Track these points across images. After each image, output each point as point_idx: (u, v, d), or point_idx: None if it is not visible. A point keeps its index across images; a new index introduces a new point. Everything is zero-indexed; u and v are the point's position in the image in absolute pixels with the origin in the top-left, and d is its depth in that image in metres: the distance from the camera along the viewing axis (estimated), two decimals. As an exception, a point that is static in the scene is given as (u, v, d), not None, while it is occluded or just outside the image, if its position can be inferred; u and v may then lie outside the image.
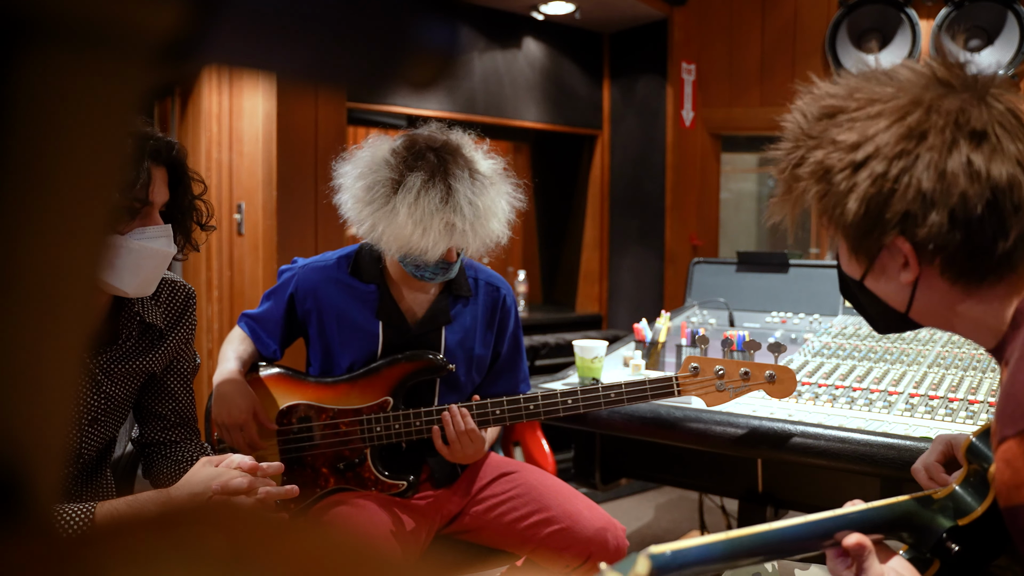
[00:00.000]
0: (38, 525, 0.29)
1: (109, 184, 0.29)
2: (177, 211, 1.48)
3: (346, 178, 1.77)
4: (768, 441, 1.79)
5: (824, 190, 0.99)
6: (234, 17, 0.27)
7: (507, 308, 1.95)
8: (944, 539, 1.01)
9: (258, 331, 1.89)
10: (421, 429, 1.79)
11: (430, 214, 1.66)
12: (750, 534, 0.96)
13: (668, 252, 4.35)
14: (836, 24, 3.85)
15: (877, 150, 0.94)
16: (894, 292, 1.02)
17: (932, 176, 0.91)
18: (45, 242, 0.28)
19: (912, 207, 0.93)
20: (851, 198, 0.96)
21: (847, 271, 1.07)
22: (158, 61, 0.27)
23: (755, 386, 1.76)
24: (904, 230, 0.94)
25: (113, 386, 1.50)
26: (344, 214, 1.80)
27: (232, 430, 1.77)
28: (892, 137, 0.93)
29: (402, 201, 1.67)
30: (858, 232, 0.98)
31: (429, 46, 0.31)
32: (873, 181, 0.94)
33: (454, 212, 1.67)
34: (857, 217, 0.96)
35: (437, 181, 1.68)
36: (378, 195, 1.70)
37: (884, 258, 1.00)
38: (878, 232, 0.96)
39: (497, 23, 4.09)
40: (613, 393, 1.76)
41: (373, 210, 1.71)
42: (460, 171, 1.70)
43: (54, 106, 0.26)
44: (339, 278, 1.87)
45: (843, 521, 1.01)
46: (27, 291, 0.28)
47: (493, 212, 1.74)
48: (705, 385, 1.76)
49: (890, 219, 0.94)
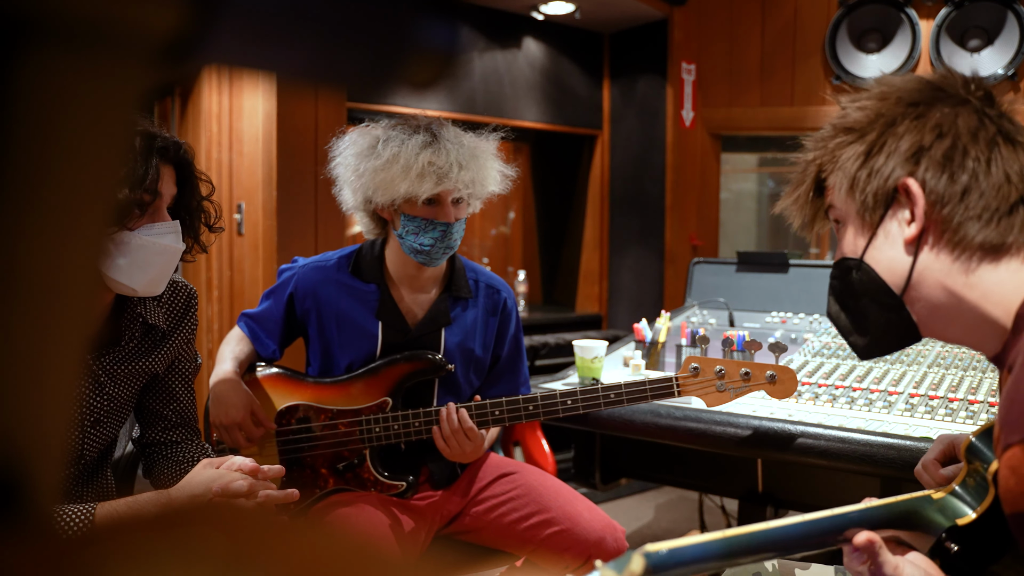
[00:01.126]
0: (38, 526, 0.29)
1: (109, 184, 0.29)
2: (185, 212, 1.48)
3: (339, 153, 1.83)
4: (768, 441, 1.79)
5: (833, 155, 1.02)
6: (234, 17, 0.27)
7: (508, 311, 1.95)
8: (943, 539, 1.01)
9: (257, 331, 1.89)
10: (420, 430, 1.78)
11: (414, 153, 1.70)
12: (747, 533, 0.96)
13: (668, 252, 4.35)
14: (836, 24, 3.85)
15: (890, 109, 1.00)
16: (894, 260, 1.01)
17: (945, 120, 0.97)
18: (46, 242, 0.28)
19: (925, 138, 0.96)
20: (858, 147, 1.00)
21: (849, 251, 1.06)
22: (158, 61, 0.27)
23: (756, 386, 1.75)
24: (914, 167, 0.97)
25: (116, 387, 1.50)
26: (340, 194, 1.85)
27: (230, 429, 1.77)
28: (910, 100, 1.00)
29: (386, 149, 1.73)
30: (865, 177, 0.99)
31: (429, 46, 0.31)
32: (884, 126, 0.99)
33: (438, 153, 1.71)
34: (863, 163, 0.99)
35: (422, 131, 1.74)
36: (366, 156, 1.75)
37: (889, 217, 1.00)
38: (887, 172, 0.98)
39: (497, 23, 4.09)
40: (613, 394, 1.76)
41: (363, 170, 1.75)
42: (447, 128, 1.77)
43: (54, 106, 0.26)
44: (339, 278, 1.87)
45: (841, 521, 1.01)
46: (28, 292, 0.28)
47: (481, 158, 1.78)
48: (705, 385, 1.76)
49: (900, 155, 0.97)
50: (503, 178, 1.85)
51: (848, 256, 1.06)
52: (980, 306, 0.97)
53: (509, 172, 1.86)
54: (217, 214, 1.57)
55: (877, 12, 3.78)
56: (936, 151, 0.96)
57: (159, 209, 1.41)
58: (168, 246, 1.41)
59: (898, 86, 1.02)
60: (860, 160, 1.00)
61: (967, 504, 1.03)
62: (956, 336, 1.02)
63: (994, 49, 3.57)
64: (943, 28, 3.62)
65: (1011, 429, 0.88)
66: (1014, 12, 3.49)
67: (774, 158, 5.67)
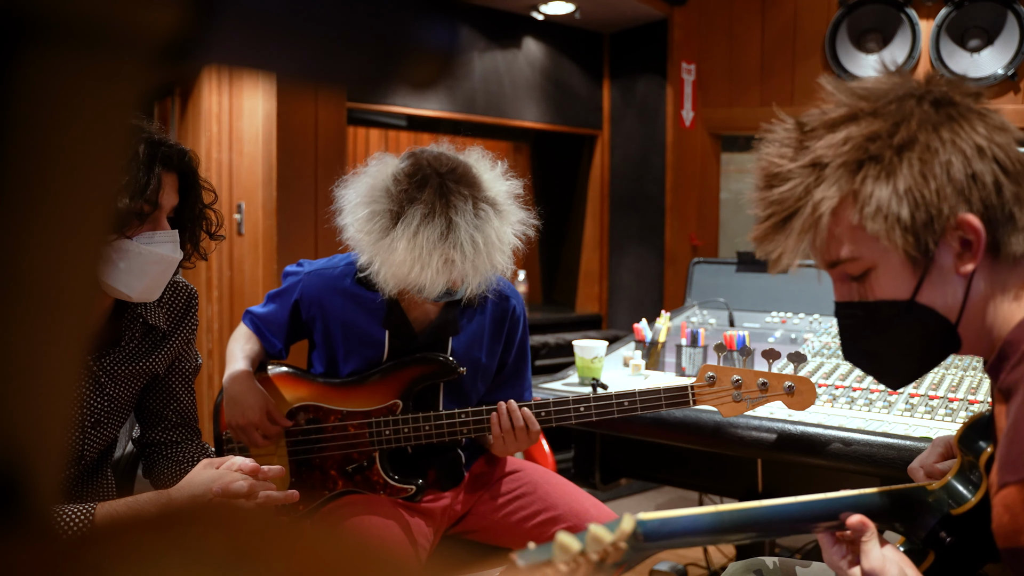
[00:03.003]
0: (38, 526, 0.29)
1: (109, 185, 0.29)
2: (187, 219, 1.48)
3: (347, 204, 1.71)
4: (768, 441, 1.79)
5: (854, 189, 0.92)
6: (234, 17, 0.27)
7: (516, 318, 1.93)
8: (936, 529, 1.01)
9: (263, 329, 1.88)
10: (431, 433, 1.77)
11: (429, 251, 1.59)
12: (739, 509, 0.96)
13: (668, 252, 4.35)
14: (836, 24, 3.85)
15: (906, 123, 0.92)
16: (950, 294, 0.95)
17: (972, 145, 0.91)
18: (45, 243, 0.28)
19: (981, 169, 0.90)
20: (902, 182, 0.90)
21: (893, 295, 0.96)
22: (158, 61, 0.27)
23: (773, 397, 1.71)
24: (979, 203, 0.91)
25: (116, 388, 1.50)
26: (345, 240, 1.74)
27: (247, 430, 1.75)
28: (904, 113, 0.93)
29: (401, 236, 1.60)
30: (924, 218, 0.91)
31: (429, 46, 0.31)
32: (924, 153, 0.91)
33: (454, 248, 1.60)
34: (908, 193, 0.90)
35: (438, 214, 1.60)
36: (377, 226, 1.64)
37: (941, 255, 0.94)
38: (946, 209, 0.90)
39: (497, 23, 4.09)
40: (627, 401, 1.74)
41: (372, 241, 1.65)
42: (463, 203, 1.62)
43: (54, 106, 0.26)
44: (345, 287, 1.83)
45: (834, 504, 1.01)
46: (27, 293, 0.28)
47: (496, 246, 1.66)
48: (721, 395, 1.73)
49: (963, 192, 0.90)
50: (521, 232, 1.74)
51: (891, 299, 0.96)
52: (996, 312, 0.97)
53: (527, 220, 1.75)
54: (219, 222, 1.56)
55: (877, 12, 3.78)
56: (987, 177, 0.91)
57: (159, 218, 1.41)
58: (165, 255, 1.41)
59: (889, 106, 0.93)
60: (904, 198, 0.90)
61: (961, 496, 1.04)
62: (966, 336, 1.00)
63: (994, 49, 3.57)
64: (943, 28, 3.62)
65: (1008, 469, 0.88)
66: (1014, 12, 3.49)
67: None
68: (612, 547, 0.83)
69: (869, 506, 1.03)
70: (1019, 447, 0.88)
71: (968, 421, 1.07)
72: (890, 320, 0.98)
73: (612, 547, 0.83)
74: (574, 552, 0.82)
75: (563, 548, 0.81)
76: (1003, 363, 0.95)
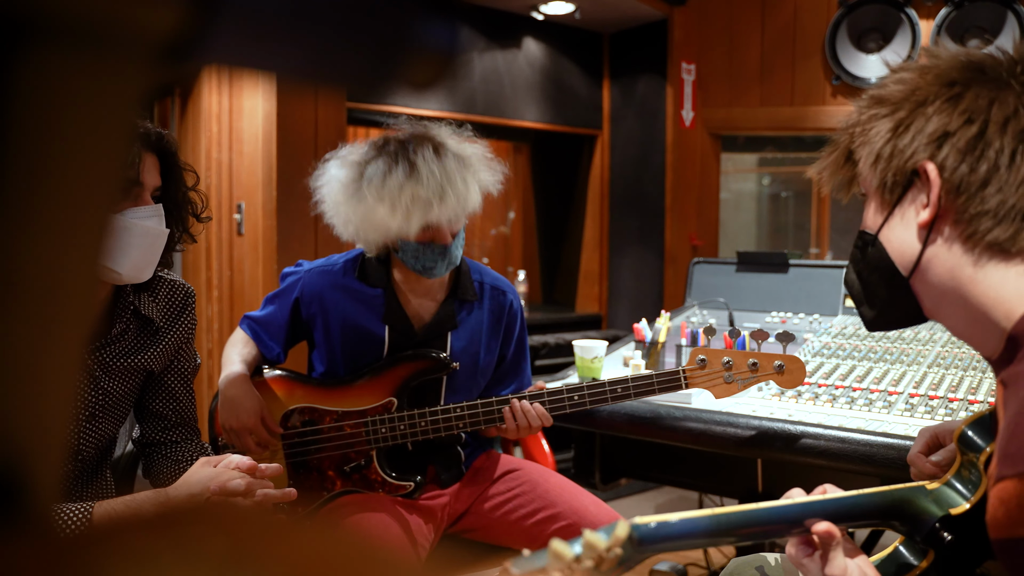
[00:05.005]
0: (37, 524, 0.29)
1: (109, 184, 0.29)
2: (171, 203, 1.48)
3: (326, 194, 1.82)
4: (768, 441, 1.79)
5: (867, 127, 1.00)
6: (234, 17, 0.27)
7: (513, 313, 1.94)
8: (936, 528, 1.02)
9: (260, 334, 1.88)
10: (427, 430, 1.78)
11: (397, 191, 1.68)
12: (737, 511, 0.96)
13: (668, 252, 4.35)
14: (836, 24, 3.85)
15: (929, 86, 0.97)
16: (905, 243, 1.00)
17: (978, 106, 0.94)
18: (45, 242, 0.28)
19: (952, 123, 0.94)
20: (888, 122, 0.98)
21: (868, 225, 1.06)
22: (158, 61, 0.27)
23: (764, 376, 1.73)
24: (936, 151, 0.95)
25: (111, 382, 1.49)
26: (332, 227, 1.84)
27: (240, 434, 1.76)
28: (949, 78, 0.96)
29: (368, 187, 1.70)
30: (888, 154, 0.98)
31: (429, 46, 0.31)
32: (917, 104, 0.96)
33: (419, 184, 1.68)
34: (889, 139, 0.97)
35: (399, 161, 1.70)
36: (349, 191, 1.74)
37: (907, 198, 0.99)
38: (909, 153, 0.96)
39: (497, 23, 4.09)
40: (620, 387, 1.75)
41: (347, 207, 1.74)
42: (423, 149, 1.72)
43: (54, 106, 0.26)
44: (345, 283, 1.86)
45: (834, 505, 1.01)
46: (27, 292, 0.28)
47: (463, 184, 1.73)
48: (713, 377, 1.74)
49: (924, 137, 0.95)
50: (492, 183, 1.82)
51: (866, 230, 1.06)
52: (983, 303, 0.96)
53: (497, 175, 1.82)
54: (204, 204, 1.57)
55: (877, 12, 3.78)
56: (960, 138, 0.94)
57: (141, 195, 1.41)
58: (151, 228, 1.40)
59: (941, 61, 0.99)
60: (886, 137, 0.98)
61: (961, 495, 1.04)
62: (957, 328, 1.01)
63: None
64: (943, 28, 3.62)
65: (1007, 463, 0.88)
66: (1014, 12, 3.49)
67: (774, 158, 5.67)
68: (607, 553, 0.83)
69: (868, 506, 1.03)
70: (1018, 441, 0.88)
71: (968, 420, 1.07)
72: (861, 250, 1.07)
73: (607, 553, 0.83)
74: (568, 559, 0.82)
75: (557, 556, 0.81)
76: (1008, 355, 0.95)
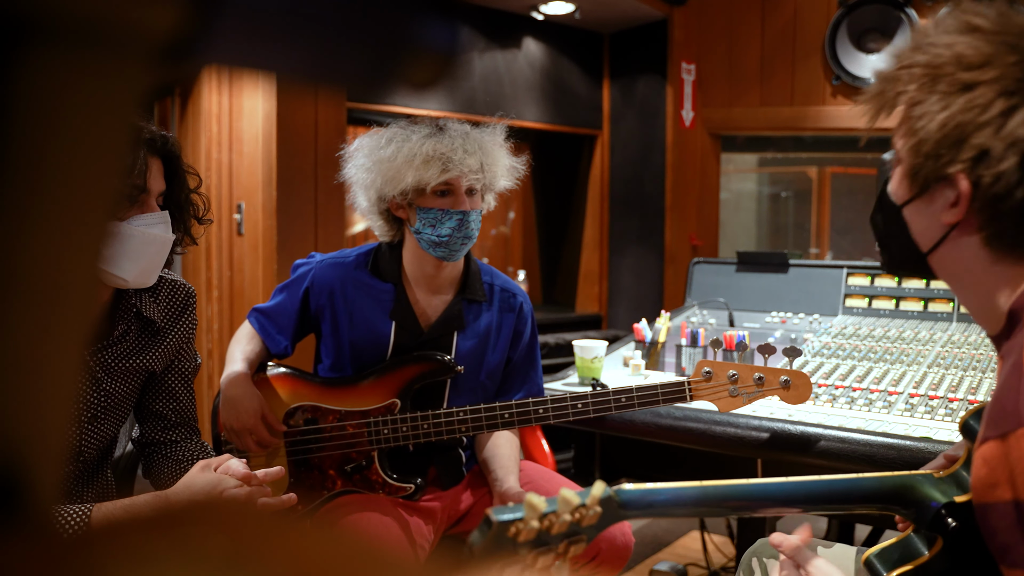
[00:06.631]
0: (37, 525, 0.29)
1: (109, 184, 0.29)
2: (174, 205, 1.48)
3: (351, 160, 1.84)
4: (768, 441, 1.79)
5: (919, 98, 0.95)
6: (234, 17, 0.27)
7: (524, 316, 1.93)
8: (942, 514, 1.02)
9: (268, 327, 1.88)
10: (429, 432, 1.77)
11: (419, 144, 1.72)
12: (724, 484, 0.97)
13: (668, 252, 4.35)
14: (836, 24, 3.85)
15: (994, 80, 0.91)
16: (927, 229, 1.00)
17: None
18: (46, 242, 0.28)
19: (995, 147, 0.91)
20: (940, 115, 0.93)
21: (893, 192, 1.04)
22: (158, 61, 0.27)
23: (769, 392, 1.72)
24: (972, 168, 0.92)
25: (112, 383, 1.49)
26: (355, 198, 1.86)
27: (241, 434, 1.75)
28: (1018, 72, 0.91)
29: (392, 144, 1.75)
30: (927, 152, 0.95)
31: (429, 46, 0.31)
32: (971, 108, 0.91)
33: (442, 141, 1.73)
34: (934, 136, 0.94)
35: (428, 123, 1.78)
36: (374, 153, 1.78)
37: (936, 191, 0.97)
38: (947, 159, 0.93)
39: (497, 23, 4.09)
40: (624, 397, 1.74)
41: (371, 166, 1.77)
42: (451, 123, 1.80)
43: (54, 106, 0.26)
44: (356, 276, 1.86)
45: (832, 486, 1.02)
46: (28, 293, 0.28)
47: (489, 145, 1.80)
48: (718, 390, 1.74)
49: (965, 151, 0.92)
50: (513, 170, 1.86)
51: (893, 194, 1.04)
52: (992, 292, 0.98)
53: (518, 165, 1.88)
54: (206, 206, 1.57)
55: (877, 12, 3.78)
56: (1003, 164, 0.90)
57: (147, 201, 1.41)
58: (158, 235, 1.41)
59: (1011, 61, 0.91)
60: (935, 135, 0.94)
61: (966, 483, 1.04)
62: (966, 302, 1.04)
63: (994, 49, 3.57)
64: (943, 28, 3.62)
65: (990, 425, 0.90)
66: (1014, 12, 3.49)
67: (774, 158, 5.67)
68: (584, 509, 0.88)
69: (865, 490, 1.04)
70: (1001, 404, 0.90)
71: (971, 410, 1.08)
72: (887, 206, 1.07)
73: (584, 509, 0.88)
74: (541, 511, 0.86)
75: (531, 506, 0.87)
76: (1008, 330, 0.98)
